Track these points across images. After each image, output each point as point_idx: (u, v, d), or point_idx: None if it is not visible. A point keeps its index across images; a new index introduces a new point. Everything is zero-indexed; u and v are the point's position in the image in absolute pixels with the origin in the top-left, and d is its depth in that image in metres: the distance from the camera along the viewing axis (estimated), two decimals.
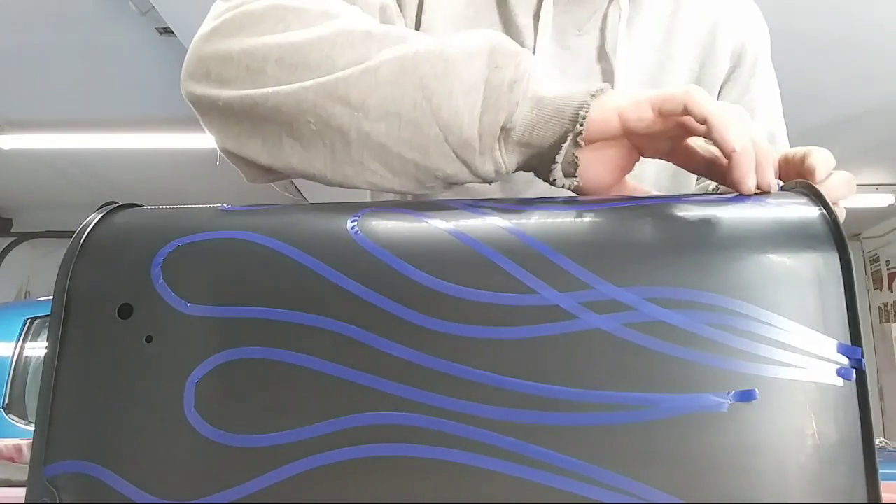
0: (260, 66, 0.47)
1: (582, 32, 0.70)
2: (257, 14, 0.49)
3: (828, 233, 0.37)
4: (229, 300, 0.37)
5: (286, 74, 0.46)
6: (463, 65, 0.45)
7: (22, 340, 2.92)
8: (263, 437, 0.33)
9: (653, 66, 0.72)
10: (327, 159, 0.47)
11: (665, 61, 0.73)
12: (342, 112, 0.45)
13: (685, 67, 0.74)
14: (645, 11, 0.72)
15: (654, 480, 0.33)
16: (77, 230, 0.40)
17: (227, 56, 0.48)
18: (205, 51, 0.49)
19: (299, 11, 0.49)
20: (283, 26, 0.48)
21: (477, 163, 0.46)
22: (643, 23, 0.72)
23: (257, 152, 0.49)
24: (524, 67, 0.46)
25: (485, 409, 0.34)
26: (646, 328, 0.35)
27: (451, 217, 0.39)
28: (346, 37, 0.47)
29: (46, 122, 3.85)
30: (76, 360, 0.37)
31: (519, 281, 0.36)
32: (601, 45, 0.70)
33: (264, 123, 0.48)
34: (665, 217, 0.40)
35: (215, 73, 0.48)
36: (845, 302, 0.35)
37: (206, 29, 0.50)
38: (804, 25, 2.66)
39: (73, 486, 0.36)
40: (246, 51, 0.48)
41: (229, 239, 0.39)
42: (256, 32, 0.48)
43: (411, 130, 0.45)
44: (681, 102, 0.43)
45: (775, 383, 0.34)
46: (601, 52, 0.70)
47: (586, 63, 0.70)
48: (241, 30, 0.49)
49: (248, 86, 0.47)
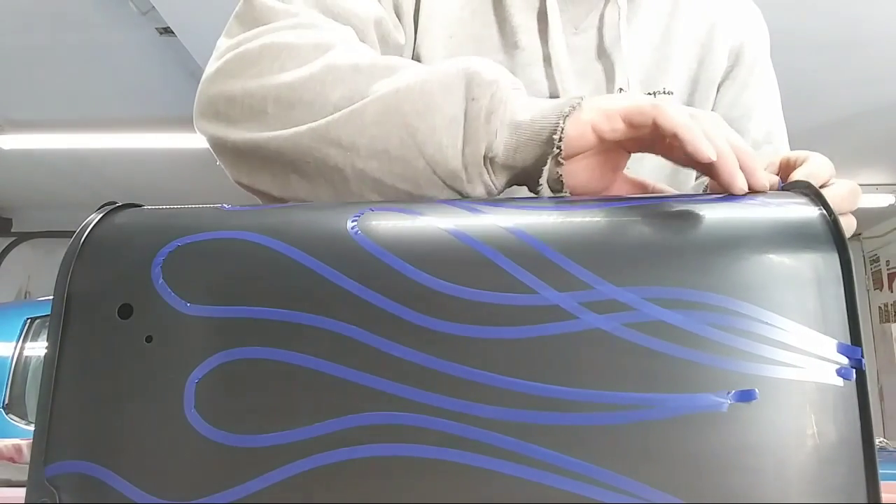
0: (261, 107, 0.51)
1: (579, 31, 0.70)
2: (254, 54, 0.53)
3: (828, 233, 0.37)
4: (229, 300, 0.37)
5: (284, 113, 0.50)
6: (442, 99, 0.48)
7: (22, 340, 2.92)
8: (263, 437, 0.33)
9: (651, 65, 0.72)
10: (331, 192, 0.51)
11: (663, 60, 0.73)
12: (336, 153, 0.49)
13: (683, 66, 0.74)
14: (643, 10, 0.72)
15: (654, 480, 0.33)
16: (77, 230, 0.40)
17: (230, 97, 0.52)
18: (211, 91, 0.54)
19: (292, 49, 0.53)
20: (279, 66, 0.52)
21: (467, 189, 0.49)
22: (641, 22, 0.72)
23: (268, 186, 0.53)
24: (499, 96, 0.48)
25: (485, 409, 0.34)
26: (646, 328, 0.35)
27: (451, 217, 0.39)
28: (335, 73, 0.51)
29: (46, 122, 3.85)
30: (76, 360, 0.37)
31: (519, 281, 0.36)
32: (599, 44, 0.71)
33: (271, 162, 0.52)
34: (665, 217, 0.40)
35: (223, 112, 0.53)
36: (845, 302, 0.35)
37: (212, 69, 0.55)
38: (804, 25, 2.66)
39: (73, 486, 0.36)
40: (247, 92, 0.52)
41: (229, 239, 0.39)
42: (255, 73, 0.52)
43: (401, 166, 0.48)
44: (650, 117, 0.44)
45: (775, 383, 0.34)
46: (600, 50, 0.71)
47: (584, 61, 0.70)
48: (241, 70, 0.53)
49: (253, 126, 0.51)
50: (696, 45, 0.74)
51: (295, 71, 0.51)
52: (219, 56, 0.55)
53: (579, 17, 0.70)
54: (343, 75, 0.50)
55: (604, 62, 0.71)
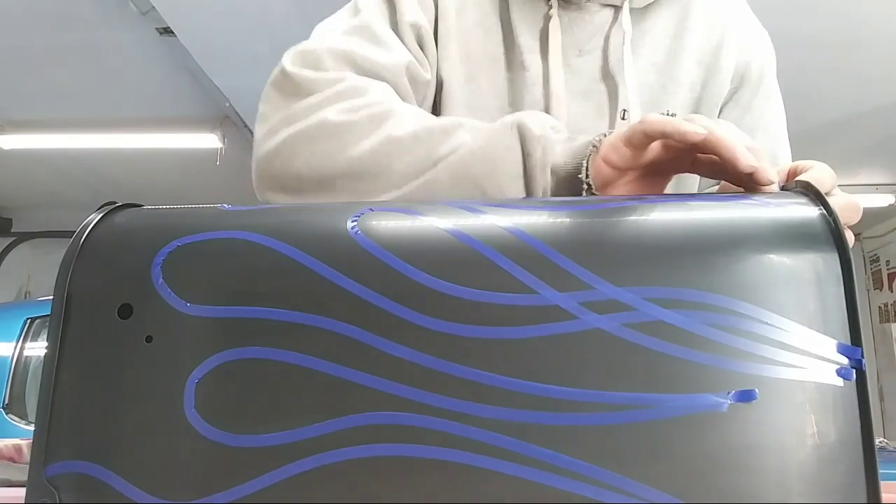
0: (330, 182, 0.56)
1: (583, 53, 0.72)
2: (313, 132, 0.57)
3: (828, 233, 0.37)
4: (229, 300, 0.37)
5: (352, 185, 0.56)
6: (504, 161, 0.55)
7: (22, 340, 2.92)
8: (263, 437, 0.33)
9: (655, 88, 0.73)
10: None
11: (667, 83, 0.74)
12: None
13: (687, 89, 0.75)
14: (649, 35, 0.74)
15: (654, 480, 0.33)
16: (77, 230, 0.40)
17: (297, 176, 0.57)
18: (275, 169, 0.58)
19: (350, 126, 0.57)
20: (340, 144, 0.56)
21: None
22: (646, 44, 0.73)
23: None
24: (549, 148, 0.54)
25: (485, 409, 0.34)
26: (646, 328, 0.35)
27: (451, 217, 0.39)
28: (396, 145, 0.56)
29: (46, 122, 3.85)
30: (76, 360, 0.37)
31: (519, 281, 0.36)
32: (604, 65, 0.72)
33: None
34: (665, 217, 0.40)
35: (291, 188, 0.57)
36: (845, 302, 0.35)
37: (269, 146, 0.58)
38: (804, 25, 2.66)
39: (73, 486, 0.36)
40: (314, 169, 0.56)
41: (229, 239, 0.39)
42: (319, 152, 0.56)
43: None
44: (639, 131, 0.48)
45: (775, 383, 0.34)
46: (604, 71, 0.72)
47: (588, 82, 0.72)
48: (303, 148, 0.57)
49: (323, 196, 0.56)
50: (700, 68, 0.75)
51: (356, 147, 0.56)
52: (271, 130, 0.59)
53: (583, 39, 0.72)
54: (405, 146, 0.56)
55: (607, 83, 0.72)
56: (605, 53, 0.72)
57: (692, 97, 0.75)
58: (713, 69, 0.75)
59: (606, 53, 0.72)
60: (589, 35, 0.72)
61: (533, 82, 0.70)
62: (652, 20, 0.74)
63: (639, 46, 0.72)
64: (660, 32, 0.74)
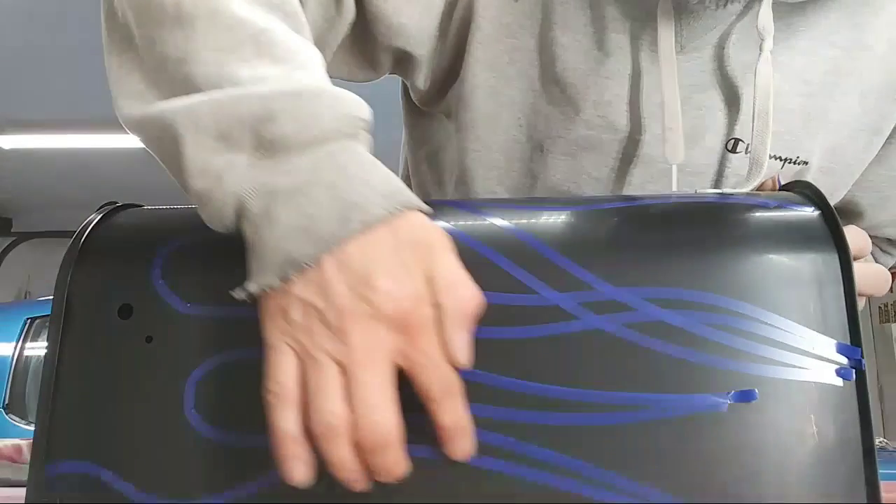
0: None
1: (686, 49, 0.52)
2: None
3: (828, 233, 0.37)
4: (229, 300, 0.37)
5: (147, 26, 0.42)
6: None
7: (22, 340, 2.92)
8: (263, 437, 0.33)
9: (797, 120, 0.54)
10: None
11: (817, 114, 0.55)
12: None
13: (853, 127, 0.56)
14: (803, 40, 0.53)
15: (654, 480, 0.33)
16: (77, 230, 0.40)
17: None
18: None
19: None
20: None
21: None
22: (796, 54, 0.53)
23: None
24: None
25: (485, 409, 0.34)
26: (646, 328, 0.35)
27: (451, 217, 0.39)
28: (210, 15, 0.39)
29: (46, 122, 3.84)
30: (76, 360, 0.37)
31: (519, 281, 0.36)
32: (719, 69, 0.53)
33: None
34: (665, 217, 0.40)
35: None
36: (845, 302, 0.35)
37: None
38: None
39: (73, 486, 0.36)
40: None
41: (229, 238, 0.39)
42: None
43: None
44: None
45: (775, 383, 0.34)
46: (719, 78, 0.53)
47: (687, 90, 0.52)
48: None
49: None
50: (888, 100, 0.56)
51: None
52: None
53: (693, 34, 0.51)
54: (218, 22, 0.39)
55: (724, 92, 0.53)
56: (719, 53, 0.52)
57: (865, 141, 0.56)
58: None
59: (724, 54, 0.52)
60: (704, 28, 0.51)
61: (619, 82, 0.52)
62: (813, 17, 0.52)
63: (781, 53, 0.52)
64: (821, 38, 0.53)
